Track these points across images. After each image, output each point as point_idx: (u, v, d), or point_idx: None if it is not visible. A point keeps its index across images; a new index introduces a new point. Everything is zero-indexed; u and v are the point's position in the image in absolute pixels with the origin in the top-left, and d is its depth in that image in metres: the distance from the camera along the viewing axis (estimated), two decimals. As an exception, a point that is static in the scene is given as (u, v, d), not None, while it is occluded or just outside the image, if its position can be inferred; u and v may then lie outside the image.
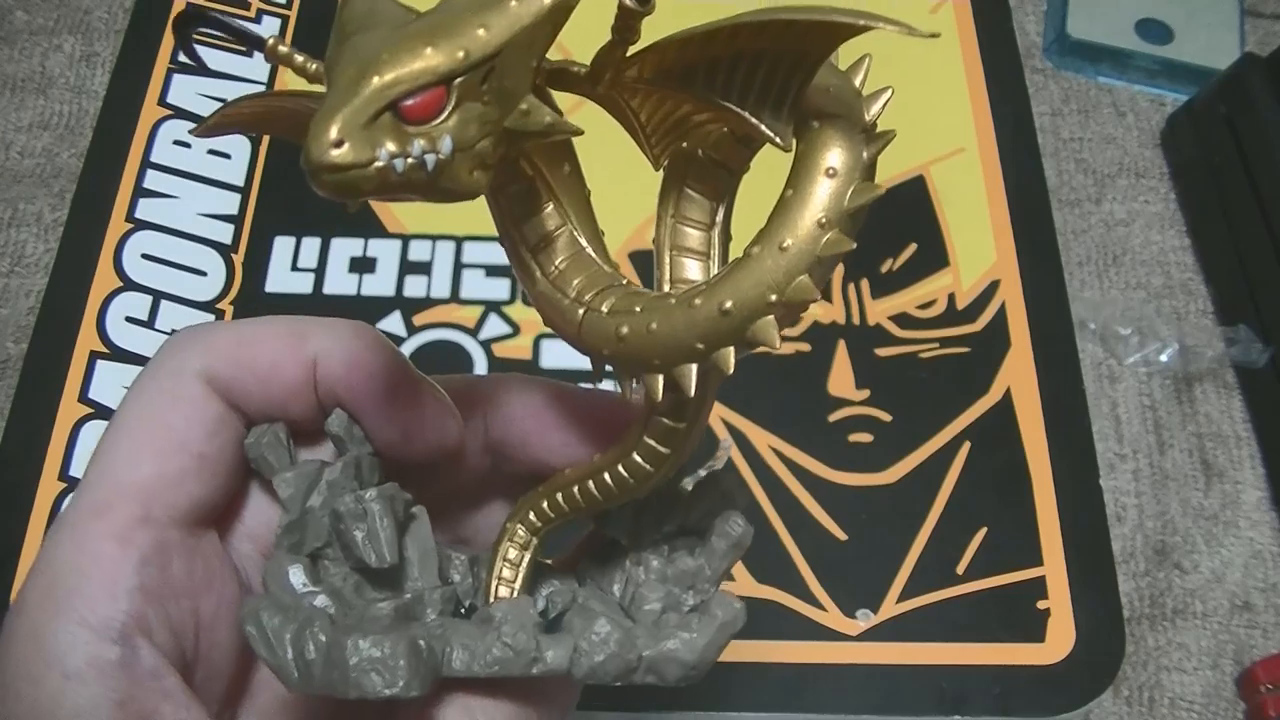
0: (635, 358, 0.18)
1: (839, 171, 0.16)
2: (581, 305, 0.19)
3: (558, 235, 0.20)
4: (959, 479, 0.43)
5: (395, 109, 0.15)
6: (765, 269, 0.16)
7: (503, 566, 0.23)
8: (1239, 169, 0.51)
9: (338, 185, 0.15)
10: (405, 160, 0.15)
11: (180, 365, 0.21)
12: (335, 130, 0.15)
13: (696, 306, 0.17)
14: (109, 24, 0.57)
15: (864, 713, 0.39)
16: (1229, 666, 0.44)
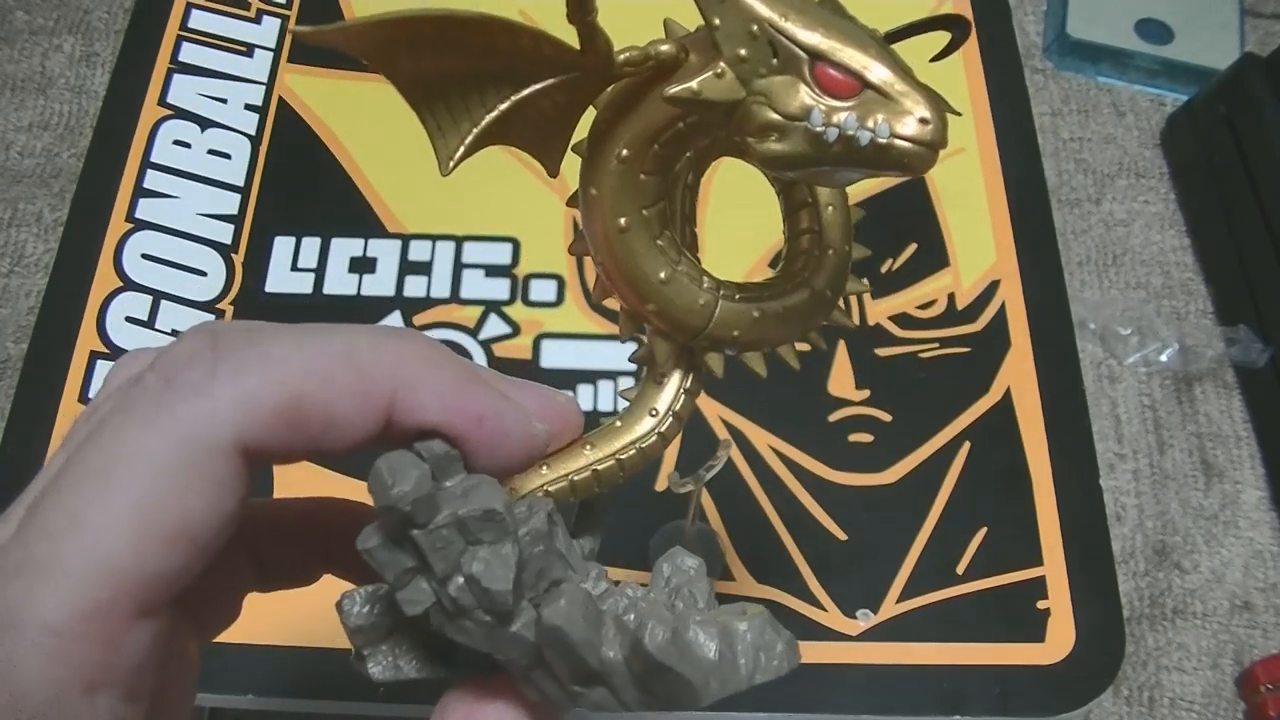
0: (764, 337, 0.22)
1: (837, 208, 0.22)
2: (712, 294, 0.21)
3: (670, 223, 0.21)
4: (959, 479, 0.43)
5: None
6: (842, 263, 0.22)
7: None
8: (1239, 169, 0.51)
9: (933, 162, 0.18)
10: None
11: (211, 431, 0.17)
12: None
13: (806, 295, 0.22)
14: (109, 24, 0.58)
15: (864, 713, 0.39)
16: (1229, 666, 0.44)
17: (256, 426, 0.17)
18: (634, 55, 0.18)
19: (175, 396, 0.17)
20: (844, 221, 0.22)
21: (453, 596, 0.18)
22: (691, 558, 0.22)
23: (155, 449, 0.17)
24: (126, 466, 0.16)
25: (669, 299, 0.21)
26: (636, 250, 0.20)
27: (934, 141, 0.17)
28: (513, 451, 0.20)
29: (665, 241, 0.21)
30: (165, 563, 0.16)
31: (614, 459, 0.22)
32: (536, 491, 0.22)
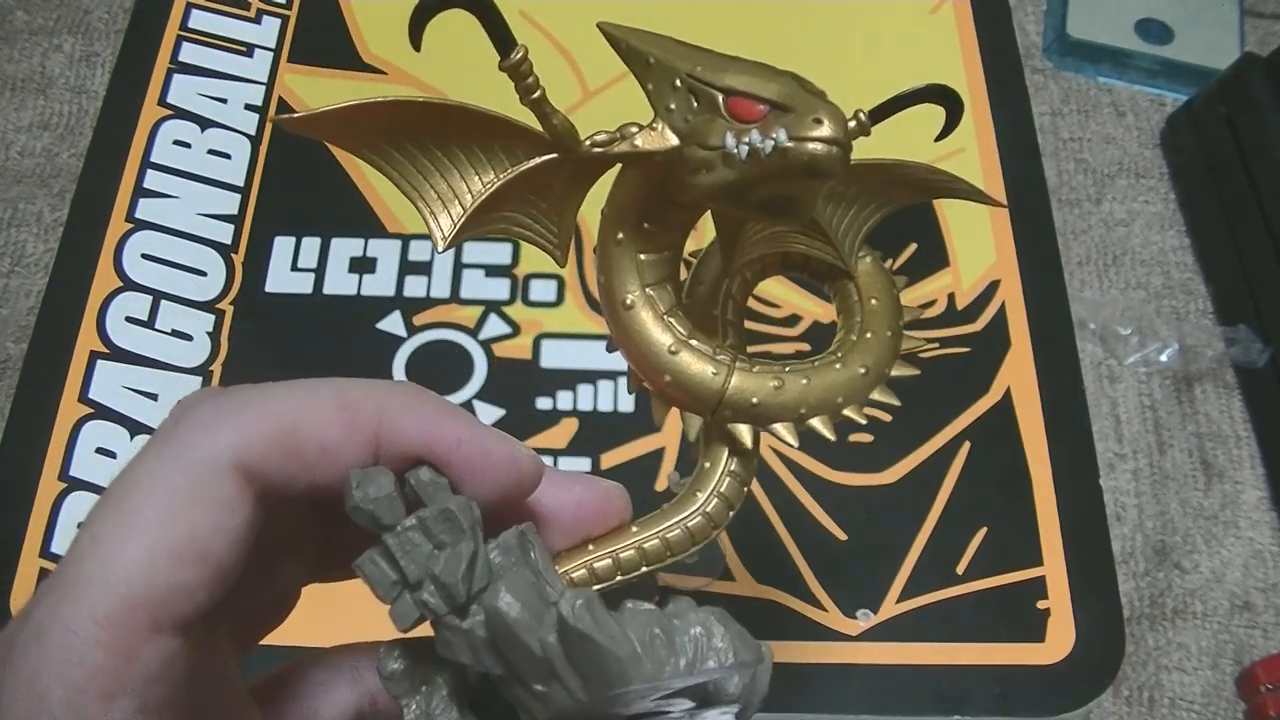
0: (786, 405, 0.22)
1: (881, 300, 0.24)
2: (724, 364, 0.22)
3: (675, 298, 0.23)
4: (959, 479, 0.43)
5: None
6: (883, 347, 0.23)
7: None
8: (1239, 169, 0.51)
9: (842, 161, 0.18)
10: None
11: (212, 454, 0.18)
12: (843, 117, 0.19)
13: (838, 370, 0.22)
14: (109, 24, 0.58)
15: (864, 713, 0.39)
16: (1229, 666, 0.44)
17: (253, 451, 0.19)
18: (601, 136, 0.20)
19: (182, 430, 0.19)
20: (889, 311, 0.24)
21: (424, 601, 0.19)
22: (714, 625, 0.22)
23: (163, 474, 0.18)
24: (139, 492, 0.18)
25: (680, 369, 0.22)
26: (645, 325, 0.22)
27: (830, 137, 0.18)
28: (498, 474, 0.21)
29: (675, 318, 0.22)
30: (175, 577, 0.18)
31: (658, 537, 0.23)
32: (580, 568, 0.23)
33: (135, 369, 0.44)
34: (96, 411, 0.43)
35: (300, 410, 0.19)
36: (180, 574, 0.18)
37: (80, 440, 0.43)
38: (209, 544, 0.18)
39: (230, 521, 0.18)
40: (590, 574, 0.23)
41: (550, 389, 0.45)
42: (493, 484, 0.21)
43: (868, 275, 0.24)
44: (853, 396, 0.22)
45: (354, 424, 0.19)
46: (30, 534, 0.41)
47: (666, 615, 0.20)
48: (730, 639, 0.20)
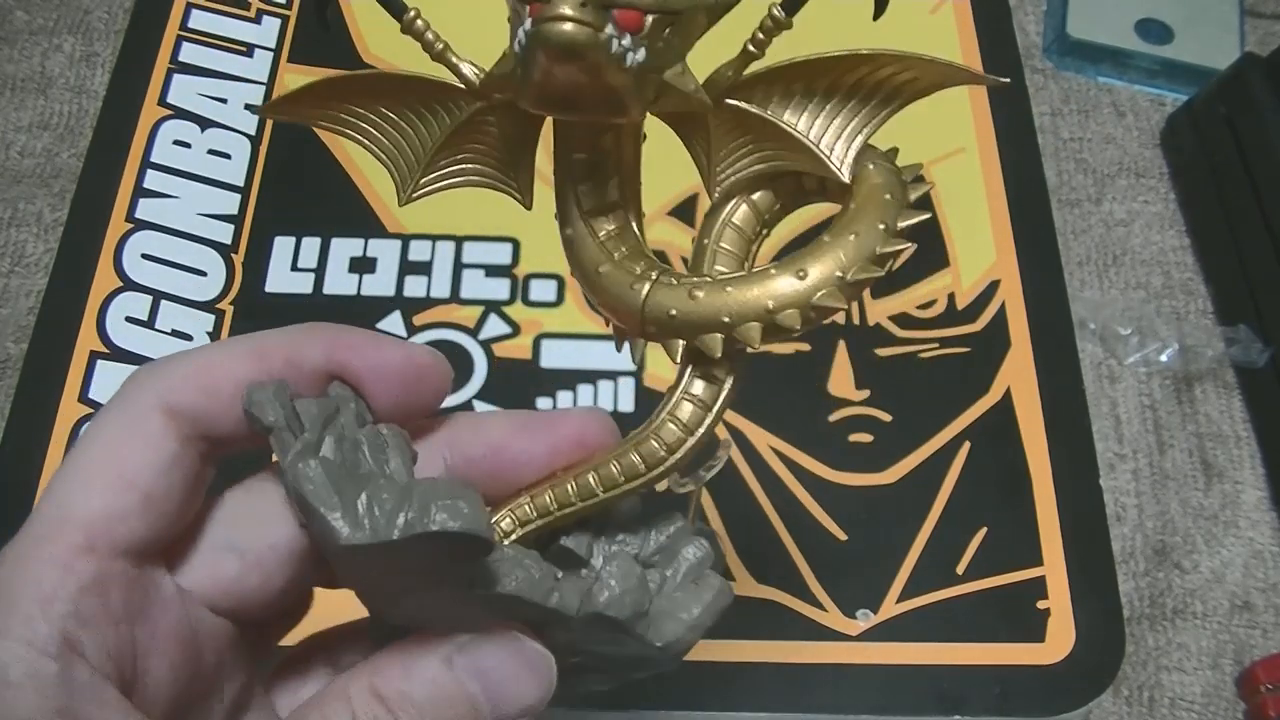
0: (706, 315, 0.21)
1: (894, 197, 0.21)
2: (648, 280, 0.21)
3: (625, 229, 0.22)
4: (959, 479, 0.43)
5: (610, 11, 0.18)
6: (838, 250, 0.20)
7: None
8: (1239, 169, 0.51)
9: (568, 37, 0.17)
10: (618, 43, 0.18)
11: (139, 399, 0.21)
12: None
13: (773, 275, 0.21)
14: (109, 24, 0.57)
15: (864, 713, 0.39)
16: (1229, 666, 0.44)
17: (174, 391, 0.21)
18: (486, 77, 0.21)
19: (122, 390, 0.22)
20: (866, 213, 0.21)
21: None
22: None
23: (102, 425, 0.22)
24: (83, 443, 0.21)
25: (606, 288, 0.22)
26: (580, 250, 0.22)
27: (554, 15, 0.17)
28: (399, 374, 0.23)
29: (611, 242, 0.22)
30: (106, 502, 0.20)
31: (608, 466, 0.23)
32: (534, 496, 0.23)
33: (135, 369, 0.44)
34: (96, 411, 0.43)
35: (214, 354, 0.22)
36: (110, 500, 0.20)
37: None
38: (137, 474, 0.21)
39: (157, 455, 0.21)
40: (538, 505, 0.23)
41: (550, 389, 0.45)
42: (396, 383, 0.23)
43: (867, 183, 0.21)
44: (787, 302, 0.20)
45: (263, 357, 0.22)
46: (30, 534, 0.41)
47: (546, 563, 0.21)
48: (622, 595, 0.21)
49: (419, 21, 0.20)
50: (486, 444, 0.24)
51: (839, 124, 0.20)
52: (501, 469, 0.24)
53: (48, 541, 0.20)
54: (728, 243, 0.22)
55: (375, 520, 0.19)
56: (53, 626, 0.19)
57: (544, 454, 0.24)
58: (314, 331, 0.23)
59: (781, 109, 0.20)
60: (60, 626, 0.19)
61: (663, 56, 0.19)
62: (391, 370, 0.23)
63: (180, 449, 0.21)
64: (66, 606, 0.19)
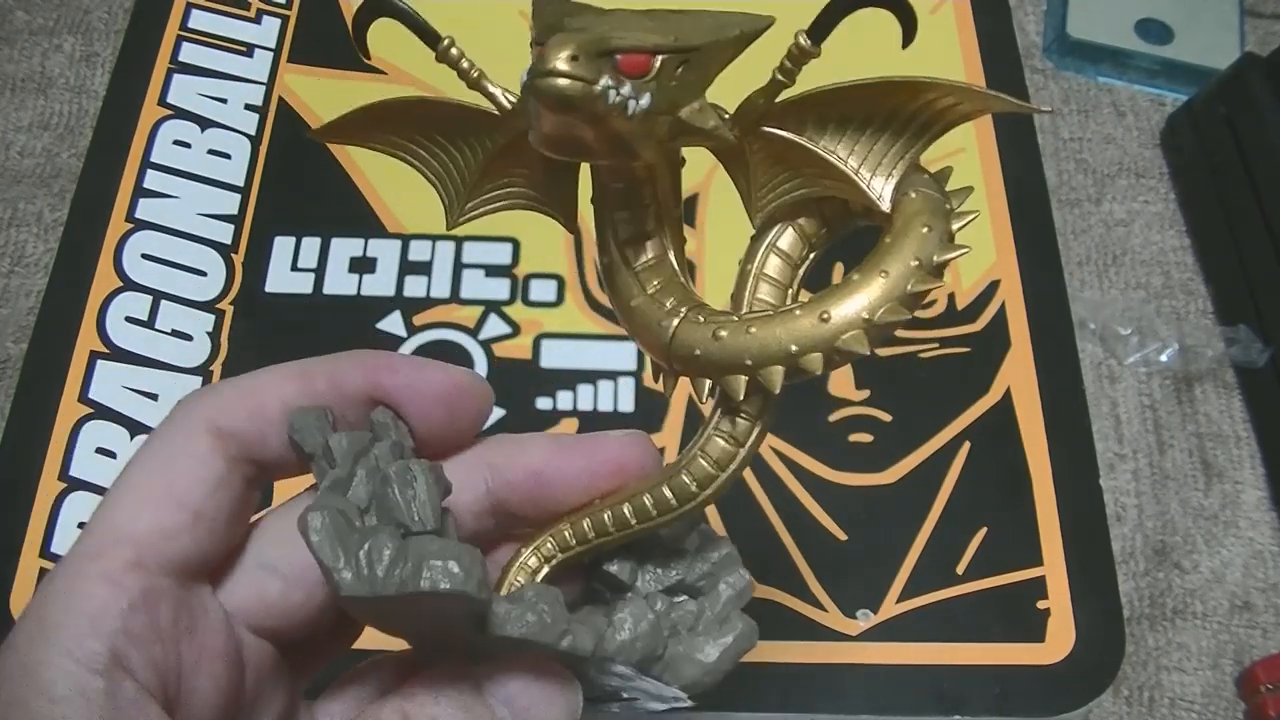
0: (729, 356, 0.20)
1: (933, 229, 0.20)
2: (676, 315, 0.21)
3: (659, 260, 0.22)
4: (959, 479, 0.43)
5: (613, 57, 0.18)
6: (865, 290, 0.19)
7: (518, 571, 0.24)
8: (1239, 169, 0.51)
9: (560, 92, 0.17)
10: (616, 94, 0.18)
11: (189, 421, 0.22)
12: (573, 47, 0.17)
13: (796, 316, 0.20)
14: (109, 24, 0.57)
15: (864, 713, 0.39)
16: (1229, 666, 0.44)
17: (222, 413, 0.22)
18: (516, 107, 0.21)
19: (171, 413, 0.22)
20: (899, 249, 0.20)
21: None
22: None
23: (151, 447, 0.22)
24: (133, 464, 0.22)
25: (637, 321, 0.22)
26: (614, 281, 0.22)
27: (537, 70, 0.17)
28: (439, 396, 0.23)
29: (645, 273, 0.22)
30: (155, 520, 0.21)
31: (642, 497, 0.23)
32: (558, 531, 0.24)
33: (135, 369, 0.44)
34: (96, 411, 0.43)
35: (261, 377, 0.23)
36: (159, 517, 0.21)
37: (80, 440, 0.43)
38: (186, 492, 0.21)
39: (205, 473, 0.21)
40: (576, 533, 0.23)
41: (550, 389, 0.45)
42: (438, 406, 0.23)
43: (905, 213, 0.20)
44: (810, 345, 0.20)
45: (307, 379, 0.23)
46: (30, 534, 0.41)
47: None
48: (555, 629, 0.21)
49: (454, 50, 0.20)
50: (526, 468, 0.24)
51: (878, 150, 0.19)
52: (541, 493, 0.24)
53: (99, 558, 0.20)
54: (772, 270, 0.22)
55: (374, 575, 0.19)
56: (101, 643, 0.19)
57: (583, 478, 0.24)
58: (357, 356, 0.23)
59: (819, 135, 0.20)
60: (109, 643, 0.19)
61: (676, 95, 0.19)
62: (432, 393, 0.23)
63: (228, 470, 0.22)
64: (115, 623, 0.19)
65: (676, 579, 0.24)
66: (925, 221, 0.19)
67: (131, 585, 0.20)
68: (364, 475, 0.22)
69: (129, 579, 0.20)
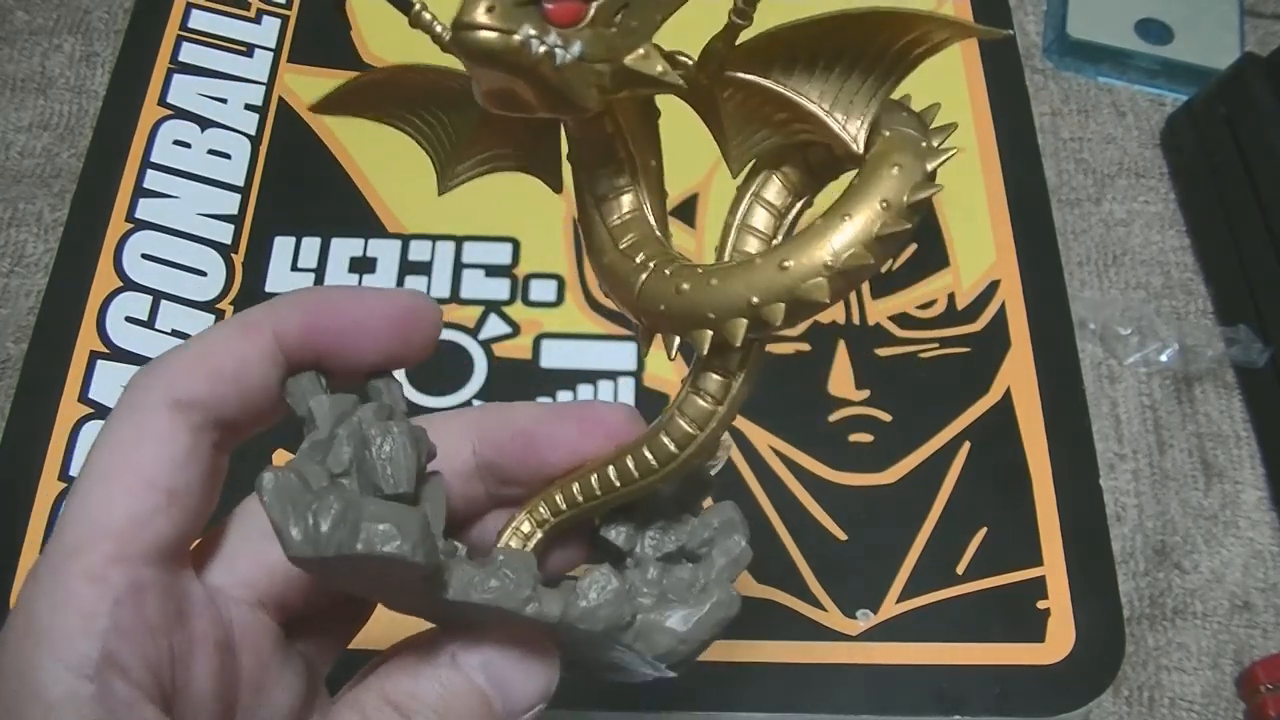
0: (691, 310, 0.19)
1: (904, 168, 0.18)
2: (645, 270, 0.20)
3: (633, 214, 0.21)
4: (959, 479, 0.43)
5: (540, 6, 0.17)
6: (827, 236, 0.18)
7: (511, 536, 0.24)
8: (1239, 169, 0.51)
9: (478, 44, 0.17)
10: (540, 44, 0.17)
11: (145, 399, 0.21)
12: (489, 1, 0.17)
13: (756, 265, 0.19)
14: (109, 24, 0.57)
15: (864, 713, 0.39)
16: (1229, 666, 0.44)
17: (177, 382, 0.21)
18: None
19: (127, 393, 0.22)
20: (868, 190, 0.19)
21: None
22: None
23: (114, 430, 0.21)
24: (98, 450, 0.21)
25: (609, 277, 0.21)
26: (589, 238, 0.22)
27: (457, 22, 0.17)
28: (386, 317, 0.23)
29: (617, 225, 0.21)
30: (131, 507, 0.20)
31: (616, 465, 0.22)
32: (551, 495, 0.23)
33: (135, 369, 0.44)
34: (96, 411, 0.43)
35: (208, 338, 0.22)
36: (134, 503, 0.20)
37: (80, 440, 0.43)
38: (155, 473, 0.21)
39: (171, 449, 0.21)
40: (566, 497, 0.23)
41: (550, 389, 0.45)
42: (385, 331, 0.23)
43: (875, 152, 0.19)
44: (771, 295, 0.18)
45: (253, 332, 0.22)
46: (30, 534, 0.41)
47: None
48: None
49: (425, 14, 0.19)
50: (515, 429, 0.24)
51: (849, 89, 0.18)
52: (529, 454, 0.24)
53: (79, 554, 0.20)
54: (756, 221, 0.21)
55: (319, 535, 0.19)
56: (91, 644, 0.19)
57: (572, 438, 0.24)
58: (296, 298, 0.23)
59: (786, 76, 0.18)
60: (99, 643, 0.19)
61: (616, 42, 0.18)
62: (377, 320, 0.23)
63: (193, 441, 0.21)
64: (104, 621, 0.19)
65: (676, 545, 0.24)
66: (895, 160, 0.18)
67: (116, 580, 0.20)
68: (345, 437, 0.21)
69: (113, 574, 0.20)
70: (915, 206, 0.18)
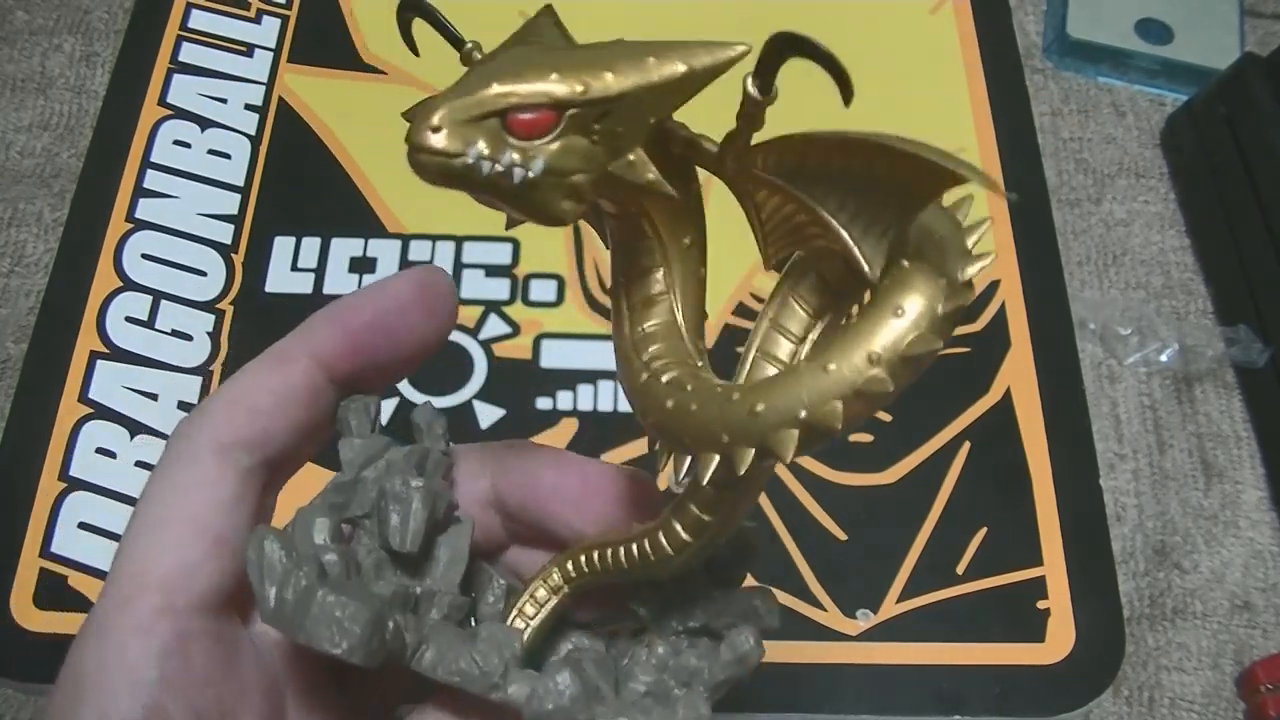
0: (671, 432, 0.18)
1: (906, 315, 0.16)
2: (647, 371, 0.19)
3: (657, 300, 0.20)
4: (959, 479, 0.43)
5: (504, 118, 0.16)
6: (803, 385, 0.16)
7: (526, 602, 0.23)
8: (1239, 169, 0.51)
9: (425, 168, 0.16)
10: (492, 165, 0.16)
11: (192, 446, 0.21)
12: (436, 118, 0.16)
13: (734, 401, 0.17)
14: (109, 24, 0.57)
15: (864, 713, 0.39)
16: (1229, 666, 0.44)
17: (219, 427, 0.21)
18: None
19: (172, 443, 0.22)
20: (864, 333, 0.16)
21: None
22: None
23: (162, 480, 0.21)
24: (146, 501, 0.21)
25: (620, 366, 0.20)
26: (617, 340, 0.20)
27: (409, 142, 0.16)
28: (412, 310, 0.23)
29: (645, 335, 0.20)
30: (179, 556, 0.20)
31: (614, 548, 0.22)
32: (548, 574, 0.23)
33: (135, 369, 0.44)
34: (96, 411, 0.43)
35: (246, 379, 0.22)
36: (181, 553, 0.20)
37: (80, 440, 0.43)
38: (203, 520, 0.20)
39: (219, 494, 0.21)
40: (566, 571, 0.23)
41: (550, 389, 0.45)
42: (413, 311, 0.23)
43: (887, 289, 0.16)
44: (739, 437, 0.17)
45: (286, 363, 0.22)
46: (30, 534, 0.41)
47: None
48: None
49: (476, 55, 0.19)
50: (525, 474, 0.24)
51: (869, 209, 0.16)
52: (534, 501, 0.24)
53: (126, 607, 0.20)
54: (774, 347, 0.19)
55: (285, 614, 0.19)
56: (136, 699, 0.19)
57: (575, 493, 0.24)
58: (325, 317, 0.23)
59: (806, 184, 0.17)
60: (146, 698, 0.19)
61: (593, 153, 0.16)
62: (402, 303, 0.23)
63: (240, 486, 0.21)
64: (151, 674, 0.19)
65: (699, 623, 0.23)
66: (900, 304, 0.16)
67: (163, 632, 0.19)
68: (370, 481, 0.22)
69: (160, 626, 0.19)
70: (909, 363, 0.16)
